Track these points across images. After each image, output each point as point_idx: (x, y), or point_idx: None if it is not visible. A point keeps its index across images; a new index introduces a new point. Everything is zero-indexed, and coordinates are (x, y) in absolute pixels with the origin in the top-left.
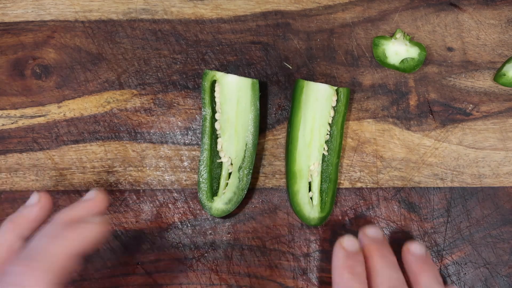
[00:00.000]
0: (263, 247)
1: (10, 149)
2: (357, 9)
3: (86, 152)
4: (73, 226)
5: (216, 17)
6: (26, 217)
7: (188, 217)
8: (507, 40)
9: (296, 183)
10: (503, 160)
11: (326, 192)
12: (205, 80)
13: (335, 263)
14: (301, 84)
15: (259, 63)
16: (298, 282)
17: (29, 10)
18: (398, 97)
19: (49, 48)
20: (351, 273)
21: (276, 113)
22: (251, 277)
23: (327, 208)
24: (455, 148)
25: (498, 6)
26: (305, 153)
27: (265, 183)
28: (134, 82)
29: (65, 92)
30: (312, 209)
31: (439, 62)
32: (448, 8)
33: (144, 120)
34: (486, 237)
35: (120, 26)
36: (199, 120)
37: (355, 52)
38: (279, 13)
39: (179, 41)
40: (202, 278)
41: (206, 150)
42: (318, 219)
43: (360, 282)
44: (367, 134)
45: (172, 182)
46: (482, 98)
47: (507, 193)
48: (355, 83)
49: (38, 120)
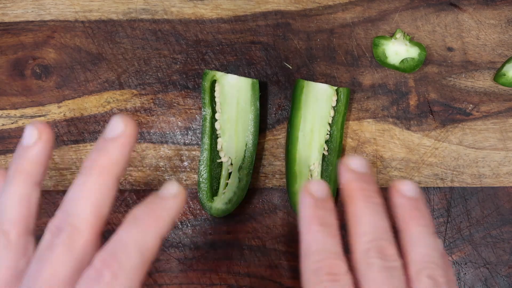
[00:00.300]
0: (263, 247)
1: (10, 149)
2: (357, 9)
3: (86, 152)
4: (150, 207)
5: (216, 17)
6: (31, 161)
7: (188, 217)
8: (507, 40)
9: (296, 183)
10: (503, 160)
11: None
12: (205, 80)
13: (301, 214)
14: (301, 84)
15: (259, 63)
16: (298, 282)
17: (29, 10)
18: (398, 97)
19: (49, 48)
20: (320, 224)
21: (276, 113)
22: (251, 277)
23: None
24: (455, 148)
25: (498, 6)
26: (305, 153)
27: (265, 183)
28: (134, 82)
29: (65, 92)
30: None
31: (439, 62)
32: (448, 8)
33: (144, 120)
34: (486, 237)
35: (120, 26)
36: (199, 120)
37: (355, 52)
38: (279, 13)
39: (179, 41)
40: (202, 278)
41: (206, 150)
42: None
43: (331, 235)
44: (367, 134)
45: None
46: (482, 98)
47: (507, 193)
48: (355, 83)
49: (38, 120)
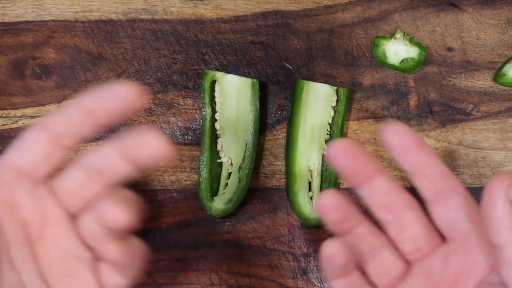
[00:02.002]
0: (263, 247)
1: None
2: (357, 9)
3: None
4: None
5: (216, 17)
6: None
7: (188, 217)
8: (507, 40)
9: (296, 183)
10: (503, 160)
11: None
12: (205, 80)
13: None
14: (301, 84)
15: (259, 63)
16: (298, 282)
17: (29, 10)
18: (398, 97)
19: (49, 48)
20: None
21: (276, 113)
22: (251, 277)
23: None
24: (455, 148)
25: (498, 6)
26: (305, 153)
27: (265, 183)
28: (134, 82)
29: (65, 92)
30: (312, 209)
31: (439, 62)
32: (448, 8)
33: (144, 120)
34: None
35: (120, 26)
36: (199, 120)
37: (355, 52)
38: (279, 13)
39: (179, 41)
40: (202, 278)
41: (206, 150)
42: (318, 219)
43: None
44: (367, 134)
45: (172, 182)
46: (482, 98)
47: None
48: (355, 83)
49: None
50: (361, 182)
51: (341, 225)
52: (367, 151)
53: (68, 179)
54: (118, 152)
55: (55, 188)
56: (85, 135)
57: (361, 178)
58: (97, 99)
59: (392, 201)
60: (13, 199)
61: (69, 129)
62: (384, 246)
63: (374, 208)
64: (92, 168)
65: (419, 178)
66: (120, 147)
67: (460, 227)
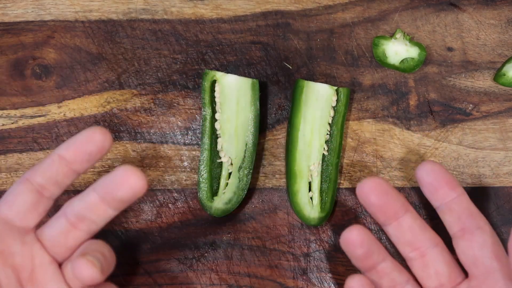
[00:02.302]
0: (263, 247)
1: (10, 149)
2: (357, 9)
3: None
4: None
5: (216, 17)
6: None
7: (188, 217)
8: (507, 40)
9: (296, 183)
10: (503, 160)
11: (326, 192)
12: (205, 80)
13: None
14: (301, 84)
15: (259, 63)
16: (298, 282)
17: (29, 10)
18: (398, 97)
19: (49, 48)
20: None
21: (276, 113)
22: (251, 277)
23: (327, 208)
24: (455, 148)
25: (498, 6)
26: (305, 153)
27: (265, 183)
28: (134, 82)
29: (65, 92)
30: (312, 209)
31: (439, 62)
32: (448, 8)
33: (144, 120)
34: None
35: (120, 26)
36: (199, 120)
37: (355, 52)
38: (279, 13)
39: (179, 41)
40: (202, 278)
41: (206, 150)
42: (318, 219)
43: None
44: (367, 134)
45: (172, 182)
46: (482, 98)
47: (507, 193)
48: (355, 83)
49: (38, 120)
50: (388, 219)
51: (365, 260)
52: (395, 189)
53: (53, 227)
54: (99, 196)
55: (41, 236)
56: (66, 183)
57: (388, 216)
58: (71, 147)
59: (417, 239)
60: (4, 246)
61: (50, 179)
62: (407, 282)
63: (399, 245)
64: (76, 215)
65: (447, 214)
66: (101, 191)
67: (483, 263)
